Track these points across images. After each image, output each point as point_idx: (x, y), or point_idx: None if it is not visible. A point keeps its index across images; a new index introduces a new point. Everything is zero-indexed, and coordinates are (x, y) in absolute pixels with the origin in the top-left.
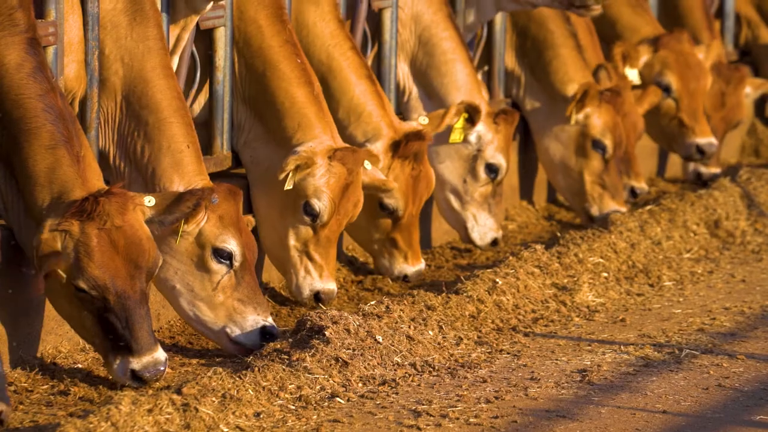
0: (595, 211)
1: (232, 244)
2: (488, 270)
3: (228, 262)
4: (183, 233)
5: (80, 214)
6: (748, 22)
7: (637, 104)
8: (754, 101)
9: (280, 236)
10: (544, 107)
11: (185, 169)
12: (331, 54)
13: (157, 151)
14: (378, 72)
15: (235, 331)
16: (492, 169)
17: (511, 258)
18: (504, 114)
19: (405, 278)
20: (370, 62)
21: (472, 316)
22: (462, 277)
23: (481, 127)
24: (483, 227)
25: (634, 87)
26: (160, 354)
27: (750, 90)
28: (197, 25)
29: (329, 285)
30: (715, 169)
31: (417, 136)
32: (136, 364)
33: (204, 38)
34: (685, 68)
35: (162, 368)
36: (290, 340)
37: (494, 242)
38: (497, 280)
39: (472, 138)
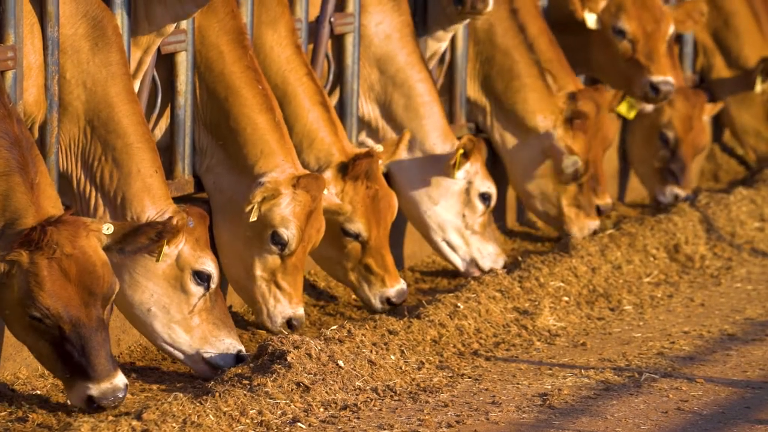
0: (575, 231)
1: (210, 267)
2: (450, 294)
3: (206, 284)
4: (163, 256)
5: (28, 244)
6: (704, 50)
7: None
8: (712, 126)
9: (246, 266)
10: (515, 137)
11: (156, 193)
12: (287, 79)
13: (127, 175)
14: (340, 97)
15: (211, 353)
16: (485, 197)
17: (472, 282)
18: (480, 146)
19: (389, 302)
20: (330, 87)
21: (433, 341)
22: (424, 302)
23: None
24: (491, 256)
25: (595, 32)
26: (119, 380)
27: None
28: (158, 49)
29: (299, 311)
30: (689, 191)
31: (365, 155)
32: (94, 390)
33: (165, 63)
34: (641, 10)
35: (121, 395)
36: (251, 365)
37: (504, 266)
38: (459, 304)
39: (460, 174)
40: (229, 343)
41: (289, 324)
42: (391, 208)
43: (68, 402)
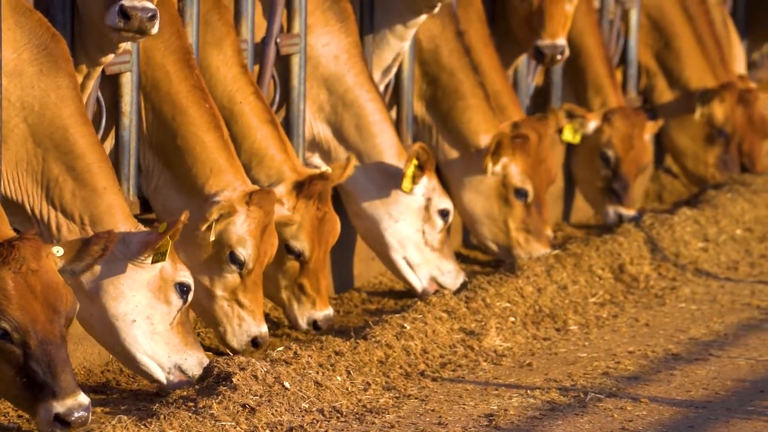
0: (523, 257)
1: (191, 279)
2: (396, 315)
3: (185, 297)
4: (166, 253)
5: None
6: (647, 71)
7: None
8: (655, 148)
9: (205, 287)
10: (460, 158)
11: (125, 210)
12: (234, 98)
13: (92, 193)
14: (286, 118)
15: (187, 365)
16: (444, 213)
17: (419, 303)
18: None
19: (315, 325)
20: (276, 108)
21: (380, 362)
22: (370, 323)
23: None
24: (450, 273)
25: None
26: (83, 398)
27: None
28: (102, 70)
29: (264, 328)
30: (633, 211)
31: (320, 176)
32: (59, 407)
33: (109, 83)
34: None
35: (86, 413)
36: (197, 387)
37: (464, 284)
38: (405, 325)
39: (418, 189)
40: (200, 356)
41: (254, 342)
42: (333, 232)
43: (36, 429)
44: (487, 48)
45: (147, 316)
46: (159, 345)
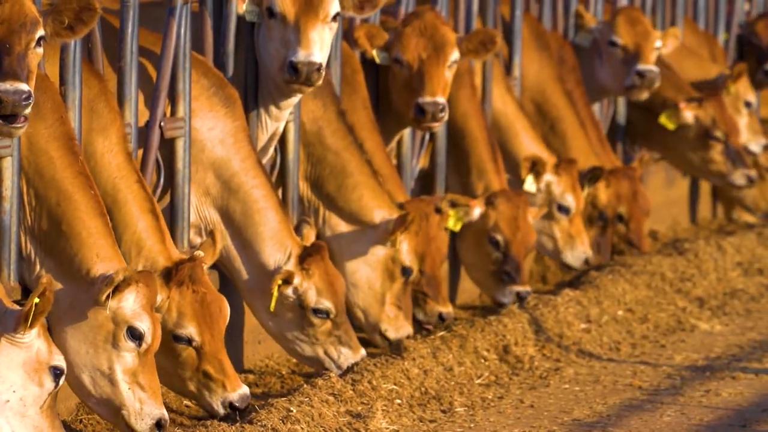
0: (390, 333)
1: (64, 363)
2: (282, 398)
3: (58, 381)
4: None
5: None
6: None
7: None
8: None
9: (104, 372)
10: (349, 233)
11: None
12: (117, 186)
13: None
14: (171, 202)
15: None
16: (320, 313)
17: (305, 386)
18: (318, 253)
19: (232, 406)
20: (160, 192)
21: None
22: (256, 406)
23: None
24: (342, 357)
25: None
26: None
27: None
28: None
29: (165, 413)
30: (528, 287)
31: (187, 260)
32: None
33: None
34: (419, 38)
35: None
36: None
37: (355, 364)
38: (291, 408)
39: (290, 291)
40: None
41: (158, 424)
42: (222, 312)
43: None
44: (372, 134)
45: (20, 396)
46: (28, 428)
